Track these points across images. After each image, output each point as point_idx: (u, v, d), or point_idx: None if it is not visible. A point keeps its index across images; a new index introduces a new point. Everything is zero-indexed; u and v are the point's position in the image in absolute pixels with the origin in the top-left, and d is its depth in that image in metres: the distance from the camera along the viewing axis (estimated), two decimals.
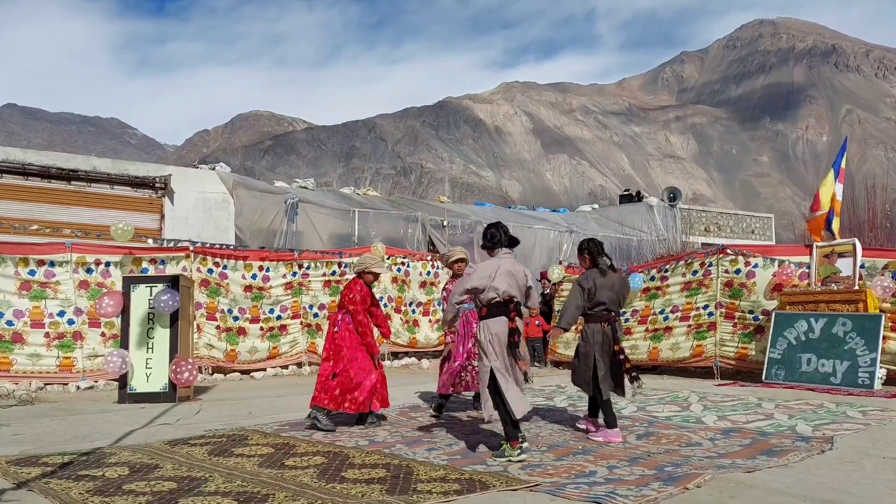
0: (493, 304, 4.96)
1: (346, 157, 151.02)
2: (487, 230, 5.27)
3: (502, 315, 4.95)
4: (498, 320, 4.95)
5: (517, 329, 4.93)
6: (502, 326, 4.93)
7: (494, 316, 4.96)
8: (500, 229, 5.21)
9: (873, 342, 8.14)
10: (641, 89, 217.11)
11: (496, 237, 5.16)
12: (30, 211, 13.15)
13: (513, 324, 4.93)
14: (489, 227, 5.28)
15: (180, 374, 8.06)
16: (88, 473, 4.43)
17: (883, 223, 16.69)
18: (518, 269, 5.11)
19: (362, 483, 4.15)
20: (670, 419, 6.40)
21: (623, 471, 4.42)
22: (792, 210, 75.82)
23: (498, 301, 4.95)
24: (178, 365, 8.08)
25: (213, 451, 5.13)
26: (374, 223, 16.70)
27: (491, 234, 5.21)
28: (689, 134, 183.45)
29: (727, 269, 10.06)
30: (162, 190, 14.57)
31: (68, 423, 6.64)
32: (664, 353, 10.47)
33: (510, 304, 4.97)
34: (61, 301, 9.72)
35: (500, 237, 5.15)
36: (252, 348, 11.12)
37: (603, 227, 20.82)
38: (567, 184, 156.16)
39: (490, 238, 5.20)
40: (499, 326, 4.93)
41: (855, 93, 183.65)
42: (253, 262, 11.49)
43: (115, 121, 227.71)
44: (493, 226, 5.27)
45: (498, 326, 4.93)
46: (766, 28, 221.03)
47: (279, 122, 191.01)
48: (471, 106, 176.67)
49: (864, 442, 5.17)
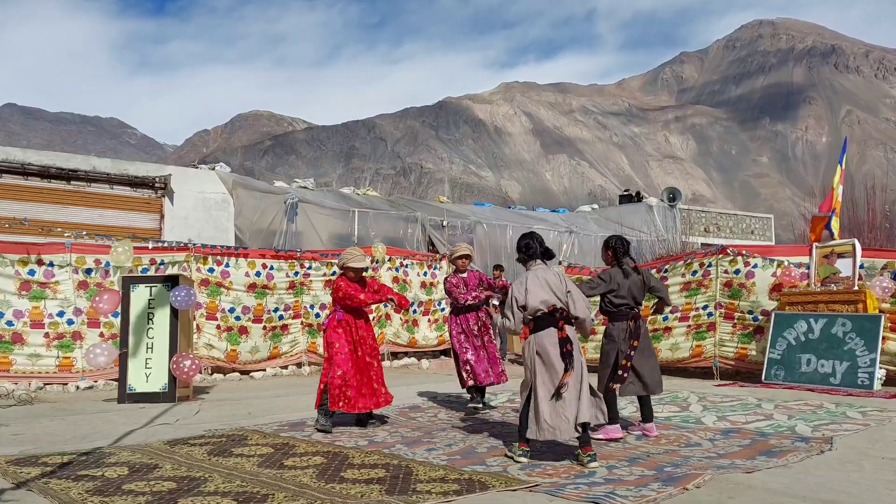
0: (539, 318, 4.84)
1: (345, 158, 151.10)
2: (522, 241, 5.07)
3: (550, 326, 4.81)
4: (547, 332, 4.81)
5: (568, 338, 4.76)
6: (551, 338, 4.78)
7: (541, 329, 4.83)
8: (535, 240, 5.03)
9: (873, 343, 8.14)
10: (641, 90, 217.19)
11: (532, 248, 4.99)
12: (29, 211, 13.14)
13: (562, 333, 4.77)
14: (524, 238, 5.08)
15: (181, 366, 7.99)
16: (88, 473, 4.43)
17: (882, 224, 16.71)
18: (550, 277, 4.91)
19: (362, 483, 4.15)
20: (670, 419, 6.40)
21: (622, 471, 4.42)
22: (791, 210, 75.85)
23: (543, 313, 4.82)
24: (181, 357, 8.05)
25: (212, 451, 5.13)
26: (374, 223, 16.70)
27: (526, 244, 5.02)
28: (689, 134, 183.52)
29: (727, 270, 10.06)
30: (161, 190, 14.57)
31: (68, 423, 6.64)
32: (664, 354, 10.47)
33: (555, 313, 4.82)
34: (61, 301, 9.72)
35: (536, 248, 4.99)
36: (253, 348, 11.12)
37: (603, 228, 20.82)
38: (567, 184, 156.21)
39: (525, 249, 5.01)
40: (548, 338, 4.79)
41: (854, 93, 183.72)
42: (256, 259, 11.49)
43: (115, 120, 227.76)
44: (528, 236, 5.07)
45: (547, 339, 4.79)
46: (765, 28, 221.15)
47: (279, 122, 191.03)
48: (470, 106, 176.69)
49: (864, 442, 5.17)
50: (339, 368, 6.18)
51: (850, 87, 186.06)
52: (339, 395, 6.13)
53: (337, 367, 6.19)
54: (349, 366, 6.21)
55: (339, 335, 6.28)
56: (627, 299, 5.64)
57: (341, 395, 6.14)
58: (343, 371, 6.18)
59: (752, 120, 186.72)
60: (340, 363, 6.20)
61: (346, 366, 6.20)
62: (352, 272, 6.36)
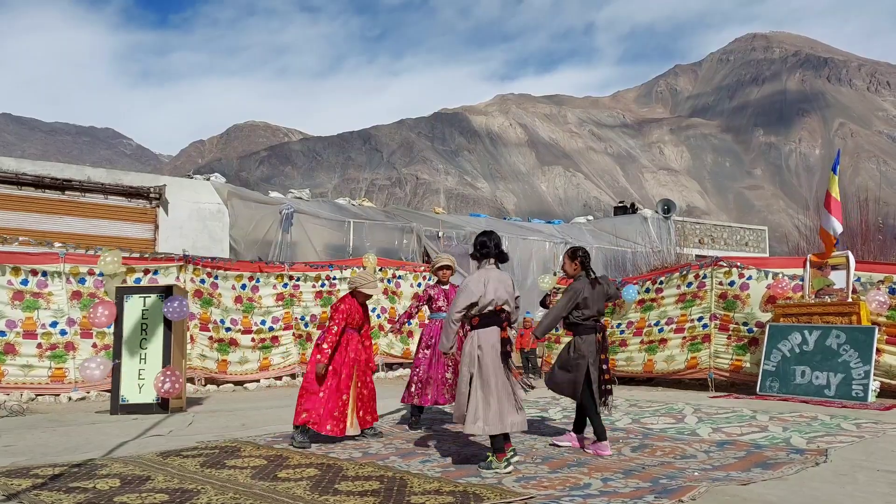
0: (485, 315, 4.88)
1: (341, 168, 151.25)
2: (478, 238, 5.08)
3: (494, 325, 4.88)
4: (490, 330, 4.87)
5: (509, 339, 4.87)
6: (494, 336, 4.86)
7: (486, 326, 4.88)
8: (491, 239, 5.05)
9: (867, 354, 8.16)
10: (636, 102, 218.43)
11: (486, 247, 5.02)
12: (22, 221, 13.10)
13: (505, 333, 4.87)
14: (480, 236, 5.10)
15: (164, 385, 7.94)
16: (79, 485, 4.39)
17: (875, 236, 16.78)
18: (505, 278, 5.00)
19: (356, 495, 4.13)
20: (665, 431, 6.39)
21: (618, 483, 4.41)
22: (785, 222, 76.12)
23: (490, 311, 4.88)
24: (164, 374, 8.01)
25: (205, 463, 5.10)
26: (369, 234, 16.71)
27: (482, 242, 5.05)
28: (683, 146, 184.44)
29: (721, 281, 10.09)
30: (156, 200, 14.55)
31: (60, 435, 6.59)
32: (659, 365, 10.47)
33: (501, 313, 4.91)
34: (54, 311, 9.67)
35: (491, 249, 5.02)
36: (242, 358, 11.08)
37: (597, 239, 20.88)
38: (562, 195, 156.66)
39: (481, 247, 5.04)
40: (491, 336, 4.86)
41: (847, 106, 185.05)
42: (243, 272, 11.47)
43: (110, 131, 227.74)
44: (486, 234, 5.10)
45: (490, 336, 4.86)
46: (759, 42, 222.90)
47: (275, 133, 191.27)
48: (466, 117, 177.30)
49: (859, 454, 5.17)
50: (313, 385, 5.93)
51: (842, 100, 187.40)
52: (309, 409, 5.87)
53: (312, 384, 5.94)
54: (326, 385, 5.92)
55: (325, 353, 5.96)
56: (594, 311, 5.63)
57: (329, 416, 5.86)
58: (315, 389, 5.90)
59: (745, 132, 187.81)
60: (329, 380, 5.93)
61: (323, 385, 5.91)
62: (361, 296, 6.21)
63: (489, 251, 5.02)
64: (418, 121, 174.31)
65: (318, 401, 5.88)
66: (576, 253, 5.82)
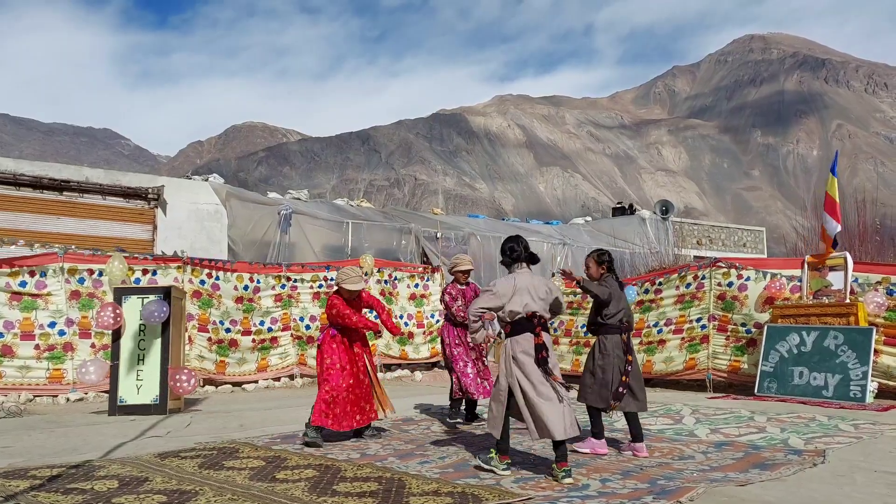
0: (517, 322, 4.83)
1: (339, 169, 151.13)
2: (507, 244, 5.05)
3: (526, 331, 4.81)
4: (522, 337, 4.80)
5: (544, 344, 4.76)
6: (528, 343, 4.78)
7: (518, 333, 4.83)
8: (520, 244, 5.03)
9: (865, 355, 8.16)
10: (634, 103, 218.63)
11: (516, 251, 4.99)
12: (20, 222, 13.09)
13: (539, 339, 4.77)
14: (508, 241, 5.07)
15: (181, 384, 7.97)
16: (77, 487, 4.39)
17: (873, 237, 16.80)
18: (538, 283, 4.94)
19: (354, 496, 4.13)
20: (663, 432, 6.39)
21: (616, 484, 4.41)
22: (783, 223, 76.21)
23: (521, 317, 4.82)
24: (179, 372, 8.02)
25: (203, 464, 5.09)
26: (368, 235, 16.70)
27: (510, 248, 5.02)
28: (681, 147, 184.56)
29: (720, 282, 10.09)
30: (155, 201, 14.54)
31: (57, 436, 6.58)
32: (657, 366, 10.48)
33: (533, 319, 4.83)
34: (52, 312, 9.65)
35: (521, 252, 4.99)
36: (241, 359, 11.07)
37: (596, 240, 20.88)
38: (560, 196, 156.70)
39: (510, 252, 5.01)
40: (524, 343, 4.78)
41: (845, 107, 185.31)
42: (244, 273, 11.47)
43: (109, 131, 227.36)
44: (513, 239, 5.06)
45: (523, 344, 4.78)
46: (756, 43, 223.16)
47: (273, 134, 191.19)
48: (464, 118, 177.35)
49: (856, 455, 5.18)
50: (328, 384, 6.09)
51: (840, 102, 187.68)
52: (328, 411, 6.02)
53: (327, 383, 6.10)
54: (340, 382, 6.11)
55: (333, 350, 6.20)
56: (620, 311, 5.63)
57: (329, 411, 6.02)
58: (331, 387, 6.07)
59: (743, 133, 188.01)
60: (332, 378, 6.12)
61: (336, 381, 6.10)
62: (345, 293, 6.26)
63: (519, 255, 4.99)
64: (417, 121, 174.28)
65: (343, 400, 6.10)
66: (602, 256, 5.81)
